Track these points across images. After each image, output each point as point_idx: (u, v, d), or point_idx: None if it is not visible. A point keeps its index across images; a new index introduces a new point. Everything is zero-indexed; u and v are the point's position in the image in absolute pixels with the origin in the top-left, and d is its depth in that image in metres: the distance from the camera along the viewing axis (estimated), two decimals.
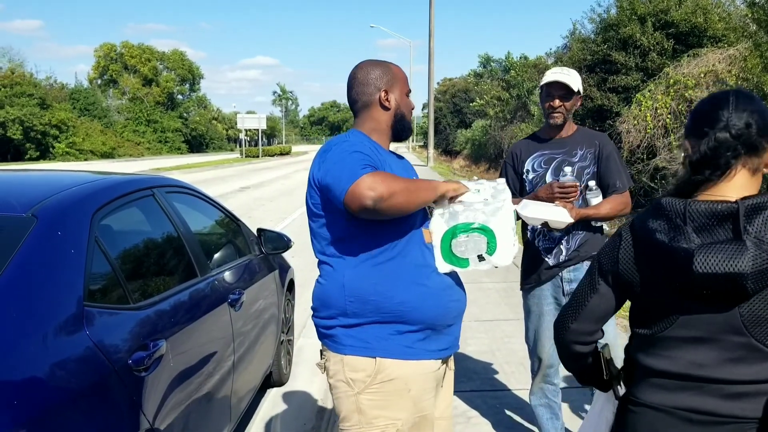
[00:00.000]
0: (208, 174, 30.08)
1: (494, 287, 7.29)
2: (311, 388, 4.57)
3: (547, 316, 3.22)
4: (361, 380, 2.12)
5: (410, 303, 2.11)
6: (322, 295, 2.19)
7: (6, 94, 47.71)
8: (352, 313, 2.12)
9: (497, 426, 3.87)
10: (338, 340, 2.16)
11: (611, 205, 3.09)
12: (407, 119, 2.34)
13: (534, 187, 3.16)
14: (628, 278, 1.62)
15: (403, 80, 2.33)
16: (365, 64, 2.33)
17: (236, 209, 10.13)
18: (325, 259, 2.20)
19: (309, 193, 2.20)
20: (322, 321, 2.21)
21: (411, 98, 2.38)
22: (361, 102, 2.29)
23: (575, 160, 3.14)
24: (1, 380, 1.72)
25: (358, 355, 2.13)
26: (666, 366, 1.56)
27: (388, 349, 2.11)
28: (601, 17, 15.59)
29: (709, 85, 10.68)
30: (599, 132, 3.42)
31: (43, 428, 1.75)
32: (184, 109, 74.72)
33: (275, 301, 4.25)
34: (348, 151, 2.05)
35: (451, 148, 44.59)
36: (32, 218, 2.17)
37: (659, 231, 1.52)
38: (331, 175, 2.03)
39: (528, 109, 24.00)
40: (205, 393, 2.75)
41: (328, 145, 2.16)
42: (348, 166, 1.98)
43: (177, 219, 3.10)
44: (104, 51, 70.26)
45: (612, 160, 3.15)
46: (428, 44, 30.68)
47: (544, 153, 3.19)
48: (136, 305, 2.41)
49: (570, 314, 1.75)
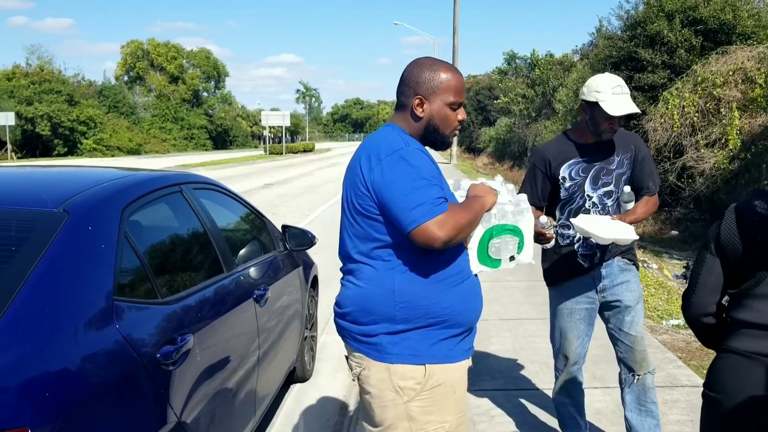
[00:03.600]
0: (232, 170, 30.28)
1: (518, 285, 7.26)
2: (334, 384, 4.59)
3: (575, 315, 3.21)
4: (410, 388, 2.07)
5: (456, 306, 2.09)
6: (363, 300, 2.09)
7: (35, 91, 48.55)
8: (400, 320, 2.04)
9: (521, 425, 3.86)
10: (383, 349, 2.07)
11: (646, 207, 3.16)
12: (442, 132, 2.18)
13: (571, 196, 3.12)
14: (729, 247, 1.92)
15: (449, 90, 2.13)
16: (418, 62, 2.20)
17: (260, 206, 10.20)
18: (368, 261, 2.09)
19: (355, 192, 2.08)
20: (360, 327, 2.11)
21: (462, 110, 2.20)
22: (400, 101, 2.20)
23: (613, 168, 3.10)
24: (34, 373, 1.75)
25: (407, 363, 2.06)
26: (753, 318, 1.87)
27: (437, 355, 2.07)
28: (628, 14, 15.41)
29: (738, 83, 10.52)
30: (631, 132, 3.35)
31: (75, 420, 1.78)
32: (209, 106, 75.34)
33: (299, 297, 4.28)
34: (415, 168, 1.97)
35: (474, 146, 44.40)
36: (63, 213, 2.21)
37: (760, 207, 1.86)
38: (397, 196, 1.95)
39: (553, 107, 23.82)
40: (230, 387, 2.78)
41: (384, 146, 2.05)
42: (420, 196, 1.93)
43: (204, 215, 3.14)
44: (131, 48, 71.09)
45: (646, 163, 3.16)
46: (452, 41, 30.58)
47: (581, 160, 3.11)
48: (164, 300, 2.44)
49: (689, 290, 2.06)
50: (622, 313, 3.19)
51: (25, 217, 2.24)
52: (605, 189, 3.11)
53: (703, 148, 10.55)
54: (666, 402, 4.05)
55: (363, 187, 2.04)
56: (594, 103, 2.98)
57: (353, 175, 2.10)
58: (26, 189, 2.66)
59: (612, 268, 3.17)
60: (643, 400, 3.25)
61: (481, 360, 4.84)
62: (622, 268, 3.19)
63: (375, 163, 2.02)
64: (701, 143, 10.62)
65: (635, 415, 3.27)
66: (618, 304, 3.19)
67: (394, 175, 1.98)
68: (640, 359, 3.21)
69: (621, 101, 2.96)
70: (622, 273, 3.19)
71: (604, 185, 3.10)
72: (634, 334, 3.19)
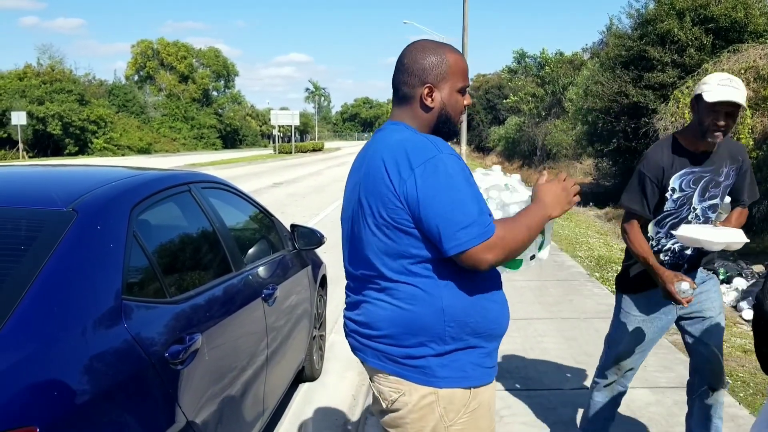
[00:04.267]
0: (241, 170, 30.35)
1: (527, 285, 7.24)
2: (343, 384, 4.59)
3: (649, 325, 3.09)
4: (455, 411, 1.91)
5: (499, 318, 1.96)
6: (409, 322, 1.87)
7: (46, 91, 48.83)
8: (450, 339, 1.86)
9: (531, 425, 3.84)
10: (431, 372, 1.88)
11: (739, 219, 3.01)
12: (453, 121, 1.99)
13: (678, 207, 2.93)
14: None
15: (457, 73, 1.95)
16: (418, 46, 1.98)
17: (269, 205, 10.22)
18: (407, 279, 1.86)
19: (385, 205, 1.84)
20: (403, 350, 1.89)
21: (468, 95, 2.02)
22: (402, 92, 1.97)
23: (721, 180, 2.93)
24: (43, 372, 1.75)
25: (456, 387, 1.90)
26: None
27: (481, 376, 1.92)
28: (639, 12, 15.34)
29: (750, 82, 10.44)
30: (739, 143, 3.19)
31: (83, 419, 1.78)
32: (218, 105, 75.60)
33: (308, 296, 4.27)
34: (453, 178, 1.78)
35: (483, 145, 44.32)
36: (72, 213, 2.21)
37: None
38: (438, 214, 1.76)
39: (562, 106, 23.74)
40: (238, 387, 2.78)
41: (415, 153, 1.81)
42: (465, 216, 1.74)
43: (212, 214, 3.14)
44: (141, 48, 71.41)
45: (749, 175, 3.02)
46: (462, 40, 30.46)
47: (693, 171, 2.89)
48: (173, 299, 2.44)
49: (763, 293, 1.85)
50: (702, 324, 3.06)
51: (35, 216, 2.24)
52: (711, 202, 2.95)
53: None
54: (677, 403, 4.02)
55: (395, 198, 1.81)
56: (699, 96, 2.81)
57: (378, 185, 1.85)
58: (36, 188, 2.66)
59: (693, 277, 3.02)
60: (712, 415, 3.14)
61: None
62: (703, 279, 3.07)
63: (407, 173, 1.79)
64: None
65: (700, 428, 3.18)
66: (698, 314, 3.07)
67: (431, 189, 1.77)
68: (718, 372, 3.09)
69: (725, 91, 2.72)
70: (703, 283, 3.06)
71: (711, 198, 2.94)
72: (714, 346, 3.07)
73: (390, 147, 1.87)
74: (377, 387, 1.98)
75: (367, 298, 1.96)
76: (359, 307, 1.98)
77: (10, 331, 1.77)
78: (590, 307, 6.46)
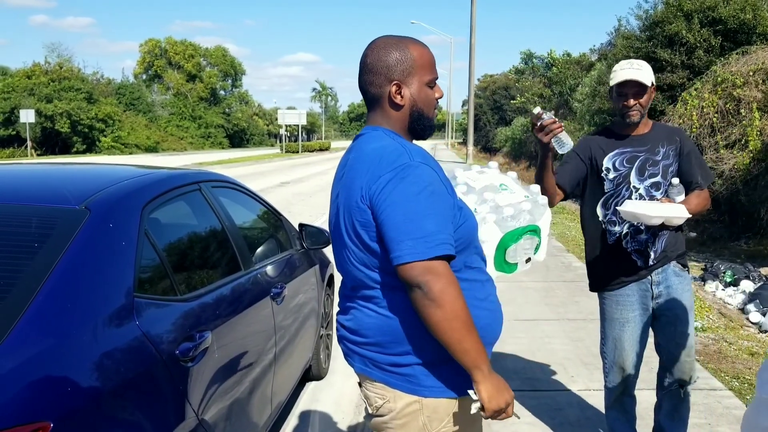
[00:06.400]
0: (248, 169, 30.41)
1: (534, 286, 7.23)
2: (349, 383, 4.60)
3: (631, 324, 3.10)
4: (438, 420, 1.88)
5: (488, 326, 1.89)
6: (395, 331, 1.83)
7: (54, 89, 49.02)
8: (436, 348, 1.77)
9: (536, 426, 3.85)
10: (416, 381, 1.85)
11: (696, 201, 2.99)
12: (427, 115, 1.92)
13: (617, 187, 3.02)
14: None
15: (424, 66, 1.88)
16: (380, 43, 1.89)
17: (277, 204, 10.24)
18: (391, 289, 1.82)
19: (357, 218, 1.80)
20: (390, 357, 1.86)
21: (439, 87, 1.94)
22: (371, 94, 1.90)
23: (659, 159, 3.01)
24: (55, 368, 1.78)
25: (441, 397, 1.86)
26: None
27: (466, 385, 1.81)
28: (647, 13, 15.30)
29: (759, 84, 10.40)
30: (675, 126, 3.32)
31: (95, 415, 1.81)
32: (226, 104, 75.81)
33: (315, 295, 4.29)
34: (426, 190, 1.71)
35: (490, 146, 44.25)
36: (85, 211, 2.24)
37: None
38: (396, 219, 1.69)
39: (570, 107, 23.68)
40: (247, 384, 2.80)
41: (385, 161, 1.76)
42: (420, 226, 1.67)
43: (222, 213, 3.16)
44: (149, 47, 71.67)
45: (693, 156, 3.07)
46: (469, 41, 30.46)
47: (624, 151, 3.02)
48: (183, 297, 2.46)
49: None
50: (674, 322, 3.08)
51: (48, 213, 2.27)
52: (653, 180, 3.00)
53: (723, 149, 10.44)
54: None
55: (368, 212, 1.77)
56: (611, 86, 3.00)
57: (351, 199, 1.81)
58: (48, 186, 2.68)
59: (667, 274, 3.07)
60: (680, 407, 3.19)
61: (497, 361, 4.83)
62: (677, 274, 3.10)
63: (374, 181, 1.76)
64: (721, 144, 10.50)
65: (668, 420, 3.22)
66: (670, 312, 3.09)
67: (393, 196, 1.71)
68: (688, 369, 3.12)
69: (624, 73, 2.92)
70: (676, 278, 3.09)
71: (651, 176, 3.00)
72: (685, 344, 3.09)
73: (363, 158, 1.84)
74: (364, 392, 1.98)
75: (355, 304, 1.94)
76: (349, 312, 1.97)
77: (23, 328, 1.79)
78: (597, 309, 6.40)
